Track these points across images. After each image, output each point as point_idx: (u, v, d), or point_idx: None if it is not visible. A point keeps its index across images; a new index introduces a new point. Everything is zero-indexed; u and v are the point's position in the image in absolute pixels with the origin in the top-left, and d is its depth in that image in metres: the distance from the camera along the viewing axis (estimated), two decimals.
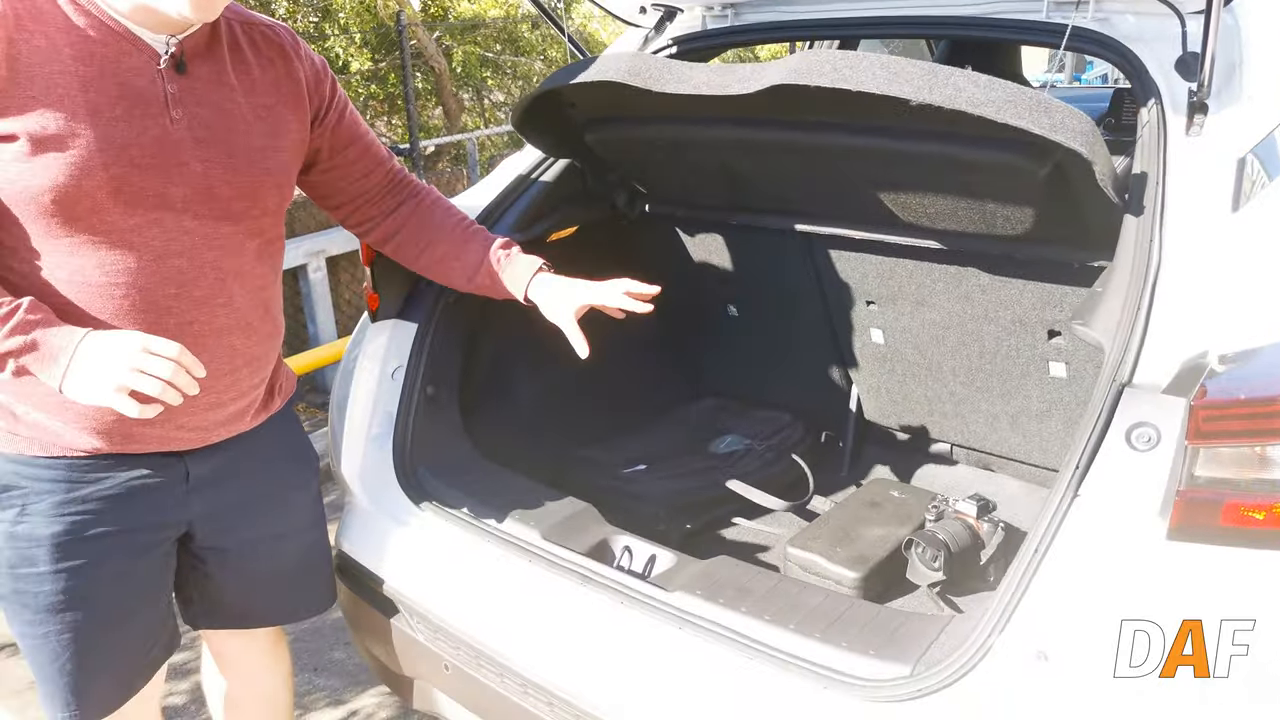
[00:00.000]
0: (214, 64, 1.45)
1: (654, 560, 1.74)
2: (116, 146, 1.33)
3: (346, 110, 1.68)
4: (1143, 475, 1.28)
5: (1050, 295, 1.92)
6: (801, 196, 2.04)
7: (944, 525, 2.00)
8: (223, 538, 1.63)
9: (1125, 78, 1.68)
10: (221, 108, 1.45)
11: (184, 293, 1.43)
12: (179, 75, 1.40)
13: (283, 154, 1.54)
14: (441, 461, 2.02)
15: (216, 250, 1.46)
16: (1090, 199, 1.56)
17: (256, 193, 1.49)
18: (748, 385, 2.68)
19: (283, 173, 1.55)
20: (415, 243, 1.80)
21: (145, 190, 1.36)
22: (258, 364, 1.58)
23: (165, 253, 1.40)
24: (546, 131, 2.11)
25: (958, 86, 1.42)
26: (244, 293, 1.51)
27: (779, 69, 1.56)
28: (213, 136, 1.43)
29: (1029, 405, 2.14)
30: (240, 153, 1.46)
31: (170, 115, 1.38)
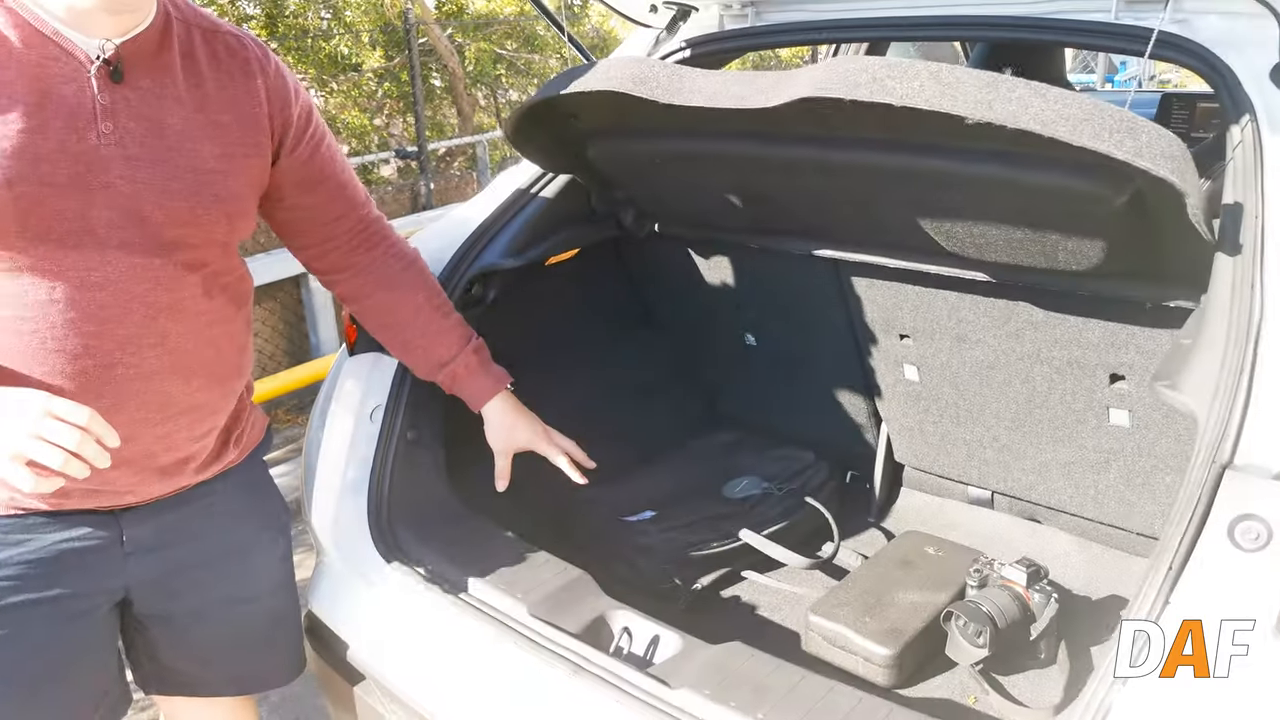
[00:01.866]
0: (160, 74, 1.27)
1: (657, 642, 1.52)
2: (25, 161, 1.15)
3: (322, 145, 1.48)
4: (1252, 581, 1.04)
5: (1114, 335, 1.68)
6: (831, 220, 1.80)
7: (989, 595, 1.76)
8: (168, 604, 1.44)
9: (1211, 90, 1.44)
10: (162, 123, 1.26)
11: (105, 330, 1.24)
12: (114, 84, 1.22)
13: (236, 178, 1.34)
14: (422, 515, 1.80)
15: (147, 283, 1.27)
16: (1174, 233, 1.32)
17: (198, 220, 1.29)
18: (767, 420, 2.45)
19: (235, 200, 1.34)
20: (379, 314, 1.64)
21: (61, 213, 1.19)
22: (201, 413, 1.38)
23: (84, 284, 1.22)
24: (544, 145, 1.89)
25: (1023, 101, 1.19)
26: (182, 332, 1.31)
27: (806, 79, 1.33)
28: (148, 155, 1.25)
29: (1084, 455, 1.90)
30: (182, 175, 1.27)
31: (98, 129, 1.21)
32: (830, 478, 2.28)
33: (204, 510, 1.43)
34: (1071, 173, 1.33)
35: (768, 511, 2.16)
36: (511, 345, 2.16)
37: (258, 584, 1.55)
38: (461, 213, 2.02)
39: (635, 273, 2.35)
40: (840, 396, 2.27)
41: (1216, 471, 1.11)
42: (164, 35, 1.27)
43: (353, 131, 7.49)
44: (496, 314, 2.03)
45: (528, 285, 2.08)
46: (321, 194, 1.48)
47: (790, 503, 2.19)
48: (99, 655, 1.41)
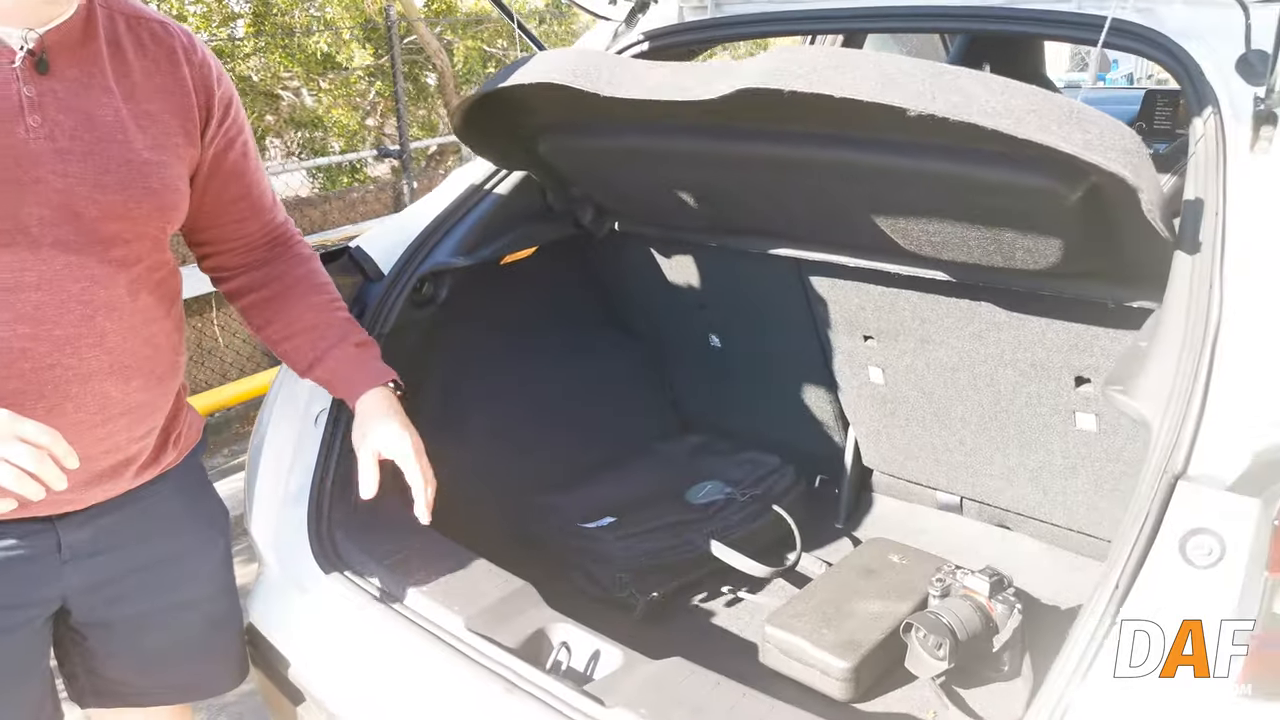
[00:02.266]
0: (87, 64, 1.22)
1: (597, 658, 1.45)
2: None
3: (239, 139, 1.41)
4: (1203, 600, 0.99)
5: (1078, 337, 1.63)
6: (786, 218, 1.74)
7: (950, 606, 1.70)
8: (108, 611, 1.38)
9: (1175, 81, 1.38)
10: (92, 115, 1.21)
11: (42, 332, 1.19)
12: (40, 76, 1.17)
13: (169, 169, 1.29)
14: (365, 524, 1.73)
15: (84, 281, 1.22)
16: (1132, 230, 1.26)
17: (132, 214, 1.24)
18: (733, 423, 2.39)
19: (169, 192, 1.29)
20: (265, 310, 1.52)
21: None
22: (141, 413, 1.33)
23: (18, 285, 1.17)
24: (495, 141, 1.83)
25: (968, 93, 1.13)
26: (120, 331, 1.27)
27: (749, 70, 1.27)
28: (80, 148, 1.19)
29: (1051, 460, 1.84)
30: (115, 168, 1.22)
31: (26, 123, 1.15)
32: (796, 482, 2.23)
33: (143, 514, 1.38)
34: (1023, 168, 1.27)
35: (730, 517, 2.10)
36: (467, 346, 2.11)
37: (198, 588, 1.50)
38: (412, 210, 1.96)
39: (598, 272, 2.29)
40: (807, 399, 2.21)
41: (1168, 482, 1.05)
42: (88, 23, 1.22)
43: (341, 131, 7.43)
44: (450, 314, 1.97)
45: (483, 284, 2.02)
46: (230, 192, 1.42)
47: (754, 508, 2.13)
48: (36, 670, 1.36)
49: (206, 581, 1.52)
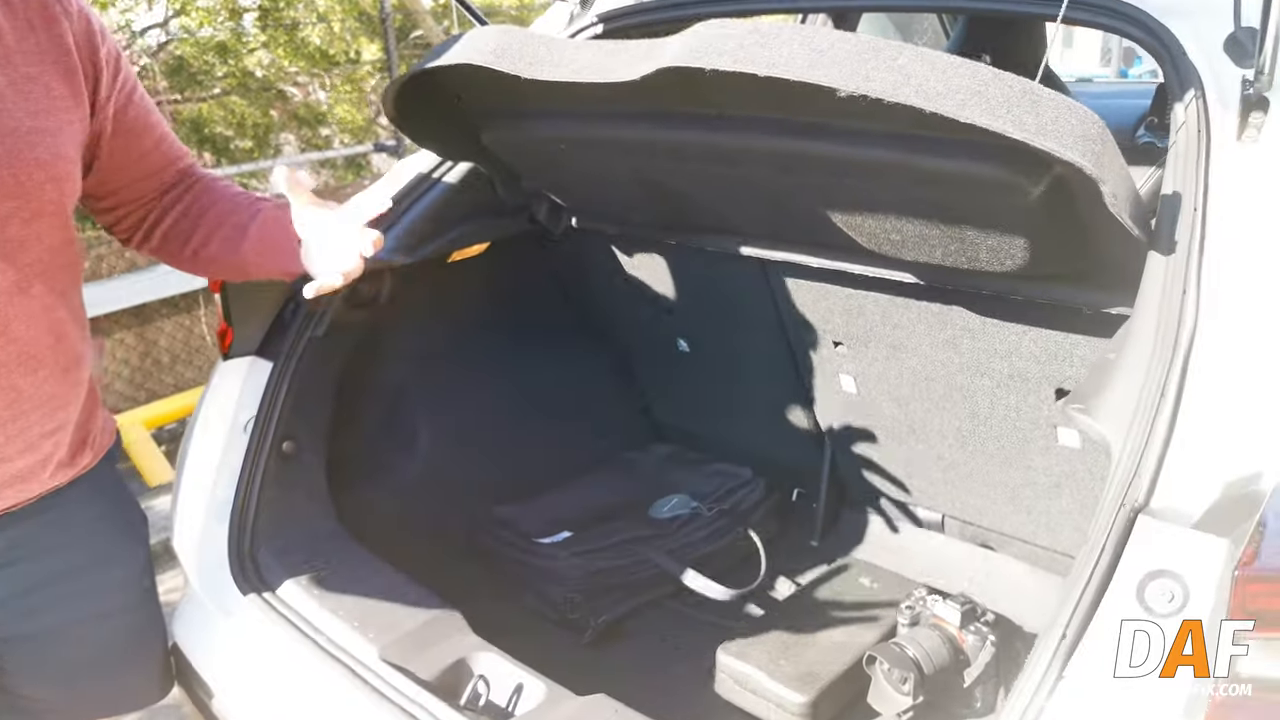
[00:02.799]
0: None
1: (520, 692, 1.34)
2: None
3: (135, 93, 1.29)
4: (1160, 652, 0.86)
5: (1057, 346, 1.49)
6: (740, 214, 1.61)
7: (918, 636, 1.57)
8: (26, 623, 1.29)
9: (1155, 62, 1.24)
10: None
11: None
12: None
13: (56, 137, 1.17)
14: (289, 541, 1.63)
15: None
16: (1102, 229, 1.13)
17: (24, 189, 1.13)
18: (706, 432, 2.26)
19: (61, 161, 1.17)
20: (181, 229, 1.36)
21: None
22: (51, 406, 1.22)
23: None
24: (435, 130, 1.71)
25: (906, 71, 0.99)
26: (24, 319, 1.16)
27: (675, 47, 1.14)
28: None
29: (1033, 477, 1.70)
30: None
31: None
32: (768, 497, 2.10)
33: (59, 520, 1.29)
34: (977, 158, 1.13)
35: (694, 534, 1.98)
36: (415, 349, 2.00)
37: (119, 597, 1.41)
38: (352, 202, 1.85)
39: (557, 271, 2.17)
40: (781, 408, 2.07)
41: (1127, 515, 0.92)
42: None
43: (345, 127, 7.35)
44: (395, 315, 1.86)
45: (430, 283, 1.91)
46: (140, 146, 1.30)
47: (721, 524, 2.01)
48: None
49: (126, 590, 1.42)
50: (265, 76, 6.79)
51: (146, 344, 4.41)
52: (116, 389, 4.45)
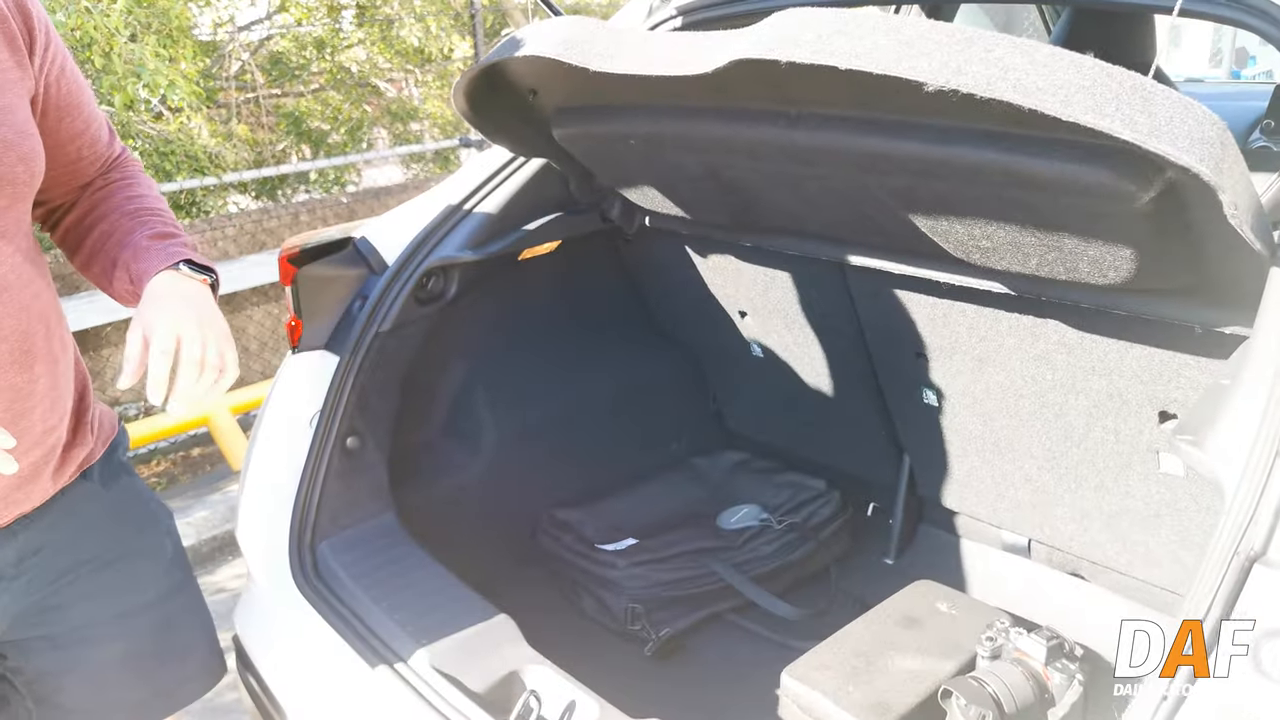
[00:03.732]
0: None
1: (571, 710, 1.29)
2: None
3: (67, 66, 1.19)
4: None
5: (1161, 365, 1.37)
6: (819, 216, 1.53)
7: (999, 671, 1.47)
8: (49, 629, 1.25)
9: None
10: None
11: None
12: None
13: (15, 114, 1.09)
14: (350, 538, 1.62)
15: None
16: (1219, 240, 1.02)
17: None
18: (779, 440, 2.18)
19: (25, 137, 1.09)
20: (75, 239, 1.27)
21: None
22: (49, 399, 1.16)
23: None
24: (508, 125, 1.67)
25: (1004, 65, 0.91)
26: (12, 312, 1.10)
27: (750, 38, 1.07)
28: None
29: (1130, 505, 1.58)
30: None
31: None
32: (842, 510, 2.01)
33: (69, 518, 1.24)
34: (1080, 160, 1.04)
35: (763, 547, 1.90)
36: (482, 347, 1.96)
37: (143, 594, 1.33)
38: (424, 199, 1.82)
39: (629, 271, 2.11)
40: (857, 419, 1.98)
41: (1242, 564, 0.82)
42: None
43: (435, 122, 7.44)
44: (463, 312, 1.83)
45: (498, 281, 1.87)
46: (67, 128, 1.19)
47: (791, 538, 1.93)
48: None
49: (153, 585, 1.35)
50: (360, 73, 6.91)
51: (236, 331, 4.50)
52: None
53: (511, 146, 1.75)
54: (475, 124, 1.65)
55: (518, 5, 7.32)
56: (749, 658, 1.72)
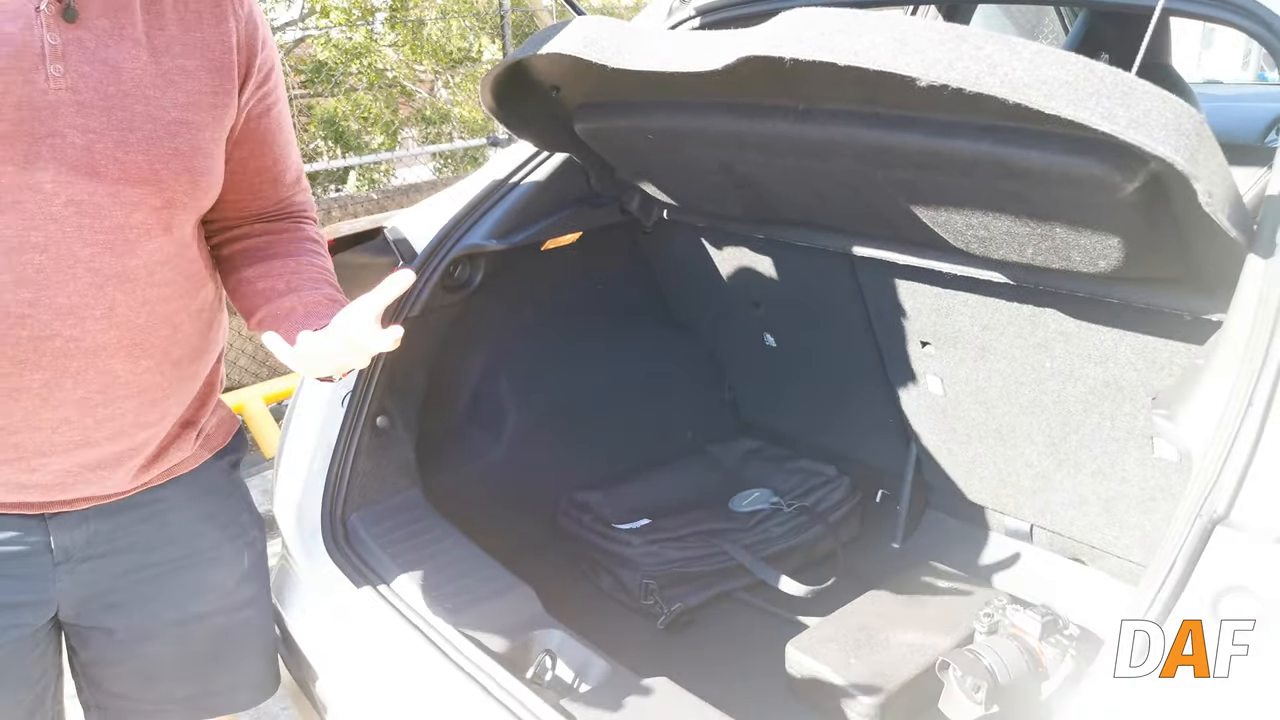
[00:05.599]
0: (118, 13, 1.12)
1: (585, 670, 1.37)
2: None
3: (276, 109, 1.29)
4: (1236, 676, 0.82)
5: (1155, 353, 1.43)
6: (827, 208, 1.60)
7: (994, 644, 1.54)
8: (106, 617, 1.28)
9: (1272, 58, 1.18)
10: (120, 68, 1.11)
11: (43, 298, 1.09)
12: (66, 24, 1.08)
13: (201, 131, 1.17)
14: (379, 509, 1.71)
15: (94, 247, 1.11)
16: (1200, 228, 1.08)
17: (159, 176, 1.13)
18: (791, 428, 2.25)
19: (199, 154, 1.17)
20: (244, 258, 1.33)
21: (2, 164, 1.05)
22: (151, 395, 1.20)
23: (21, 245, 1.07)
24: (531, 120, 1.75)
25: (991, 61, 0.97)
26: (132, 304, 1.15)
27: (757, 35, 1.14)
28: (103, 102, 1.10)
29: (1127, 489, 1.64)
30: (140, 125, 1.12)
31: (46, 71, 1.06)
32: (851, 495, 2.07)
33: (148, 520, 1.27)
34: (1069, 151, 1.10)
35: (773, 529, 1.97)
36: (505, 333, 2.05)
37: (214, 600, 1.35)
38: (450, 192, 1.91)
39: (647, 262, 2.19)
40: (867, 408, 2.05)
41: (1204, 526, 0.88)
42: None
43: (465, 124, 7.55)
44: (487, 300, 1.91)
45: (521, 269, 1.95)
46: (255, 162, 1.29)
47: (800, 521, 1.99)
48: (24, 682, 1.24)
49: (225, 594, 1.37)
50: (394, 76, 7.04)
51: None
52: (240, 365, 4.68)
53: (535, 141, 1.83)
54: (501, 119, 1.73)
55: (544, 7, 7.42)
56: (757, 632, 1.78)
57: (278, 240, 1.33)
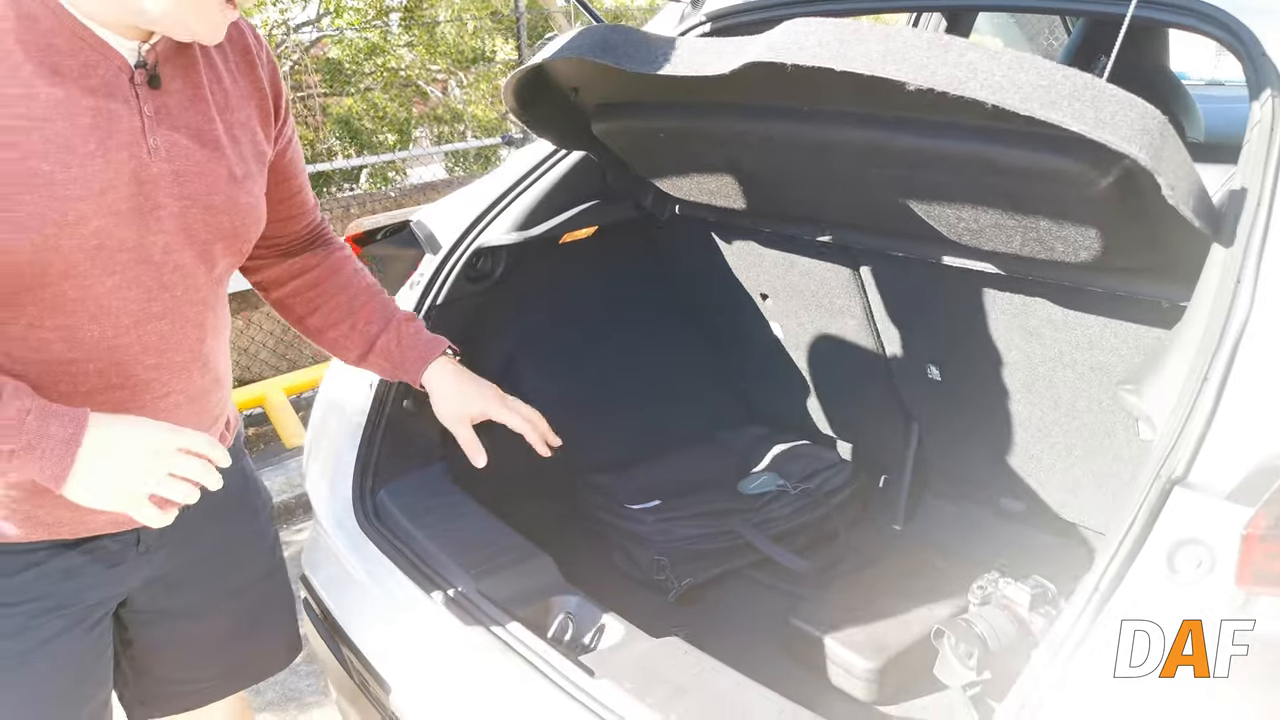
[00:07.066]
0: (187, 74, 1.15)
1: (601, 631, 1.47)
2: (95, 192, 1.04)
3: (294, 139, 1.36)
4: (1184, 614, 0.92)
5: (1138, 339, 1.52)
6: (828, 203, 1.70)
7: (986, 614, 1.63)
8: (167, 600, 1.37)
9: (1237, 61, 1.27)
10: (200, 131, 1.15)
11: (164, 360, 1.17)
12: (153, 91, 1.10)
13: (257, 182, 1.24)
14: (406, 484, 1.81)
15: (198, 305, 1.20)
16: (1168, 220, 1.17)
17: (238, 231, 1.22)
18: (797, 416, 2.34)
19: (260, 203, 1.25)
20: (303, 301, 1.47)
21: (124, 242, 1.09)
22: (219, 412, 1.34)
23: (145, 316, 1.14)
24: (551, 120, 1.85)
25: (972, 66, 1.07)
26: (217, 347, 1.27)
27: (761, 43, 1.24)
28: (193, 170, 1.14)
29: (1117, 469, 1.73)
30: (221, 187, 1.17)
31: (147, 144, 1.09)
32: (853, 479, 2.17)
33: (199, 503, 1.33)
34: (1049, 150, 1.20)
35: (779, 510, 2.07)
36: (525, 323, 2.15)
37: (247, 574, 1.48)
38: (473, 187, 2.02)
39: (660, 256, 2.29)
40: (870, 395, 2.14)
41: (1163, 487, 0.98)
42: None
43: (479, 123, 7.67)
44: (506, 290, 2.01)
45: (541, 262, 2.05)
46: (280, 191, 1.35)
47: (805, 503, 2.09)
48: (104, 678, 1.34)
49: (254, 568, 1.50)
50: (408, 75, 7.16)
51: None
52: (261, 358, 4.81)
53: (554, 139, 1.93)
54: (522, 119, 1.83)
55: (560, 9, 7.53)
56: (763, 605, 1.88)
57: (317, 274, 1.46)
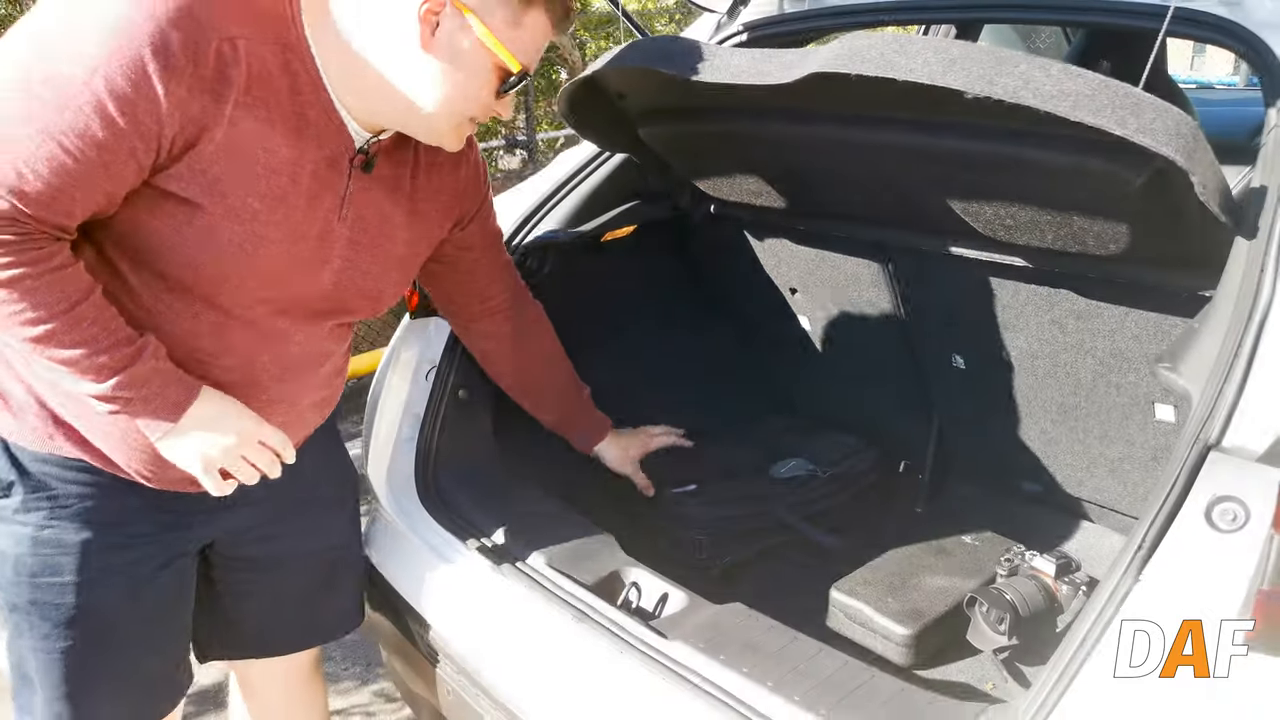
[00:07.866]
0: (397, 166, 1.36)
1: (665, 600, 1.58)
2: (289, 240, 1.24)
3: (490, 217, 1.64)
4: (1222, 563, 1.03)
5: (1156, 326, 1.64)
6: (868, 202, 1.81)
7: (1015, 583, 1.75)
8: (255, 549, 1.54)
9: (1253, 71, 1.40)
10: (384, 212, 1.35)
11: (288, 375, 1.38)
12: (363, 174, 1.30)
13: (413, 264, 1.48)
14: (464, 470, 1.91)
15: (329, 341, 1.43)
16: (1195, 215, 1.29)
17: (380, 294, 1.42)
18: (825, 405, 2.46)
19: (408, 281, 1.51)
20: (503, 361, 1.83)
21: (291, 282, 1.30)
22: (316, 425, 1.55)
23: (288, 340, 1.35)
24: (598, 125, 1.96)
25: (1025, 77, 1.19)
26: (332, 370, 1.48)
27: (822, 55, 1.36)
28: (367, 240, 1.34)
29: (1133, 451, 1.85)
30: (382, 261, 1.38)
31: (341, 213, 1.29)
32: (878, 464, 2.28)
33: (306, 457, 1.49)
34: (1088, 152, 1.32)
35: (810, 494, 2.18)
36: (566, 317, 2.25)
37: (328, 539, 1.64)
38: (523, 187, 2.12)
39: (694, 252, 2.40)
40: (895, 385, 2.26)
41: (1200, 451, 1.10)
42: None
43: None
44: (552, 286, 2.12)
45: (584, 260, 2.16)
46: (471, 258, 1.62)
47: (833, 486, 2.20)
48: (184, 612, 1.49)
49: (335, 534, 1.66)
50: None
51: None
52: None
53: (599, 142, 2.04)
54: (571, 123, 1.94)
55: None
56: (800, 581, 1.99)
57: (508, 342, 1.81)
